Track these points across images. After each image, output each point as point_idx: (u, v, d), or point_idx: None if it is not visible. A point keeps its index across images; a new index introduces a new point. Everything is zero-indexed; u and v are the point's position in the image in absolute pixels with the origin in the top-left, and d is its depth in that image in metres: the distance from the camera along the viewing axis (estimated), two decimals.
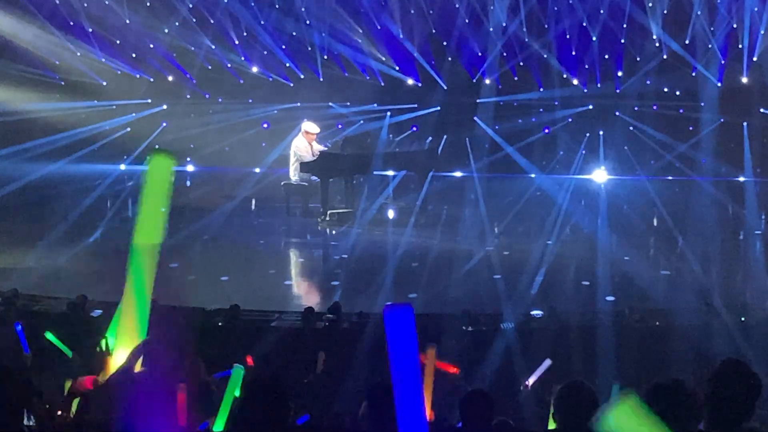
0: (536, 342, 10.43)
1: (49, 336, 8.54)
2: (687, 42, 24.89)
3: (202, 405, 6.97)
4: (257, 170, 25.04)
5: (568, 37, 25.35)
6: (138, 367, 5.96)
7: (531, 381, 8.29)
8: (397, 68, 26.01)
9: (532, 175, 24.87)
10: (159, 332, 6.32)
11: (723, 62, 24.82)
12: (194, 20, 25.82)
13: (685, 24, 24.69)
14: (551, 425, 5.72)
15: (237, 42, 26.11)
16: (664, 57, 25.13)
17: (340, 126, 25.49)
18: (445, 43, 26.07)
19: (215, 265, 15.27)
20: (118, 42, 26.06)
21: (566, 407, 5.33)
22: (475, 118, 26.09)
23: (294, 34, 25.96)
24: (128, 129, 26.20)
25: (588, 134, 25.95)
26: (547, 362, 8.34)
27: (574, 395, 5.35)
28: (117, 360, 6.04)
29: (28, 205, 20.36)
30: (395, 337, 3.47)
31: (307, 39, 26.03)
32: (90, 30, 25.68)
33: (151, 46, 26.06)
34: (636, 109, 25.68)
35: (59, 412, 6.36)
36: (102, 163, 25.77)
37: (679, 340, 10.37)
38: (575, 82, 25.88)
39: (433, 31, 26.01)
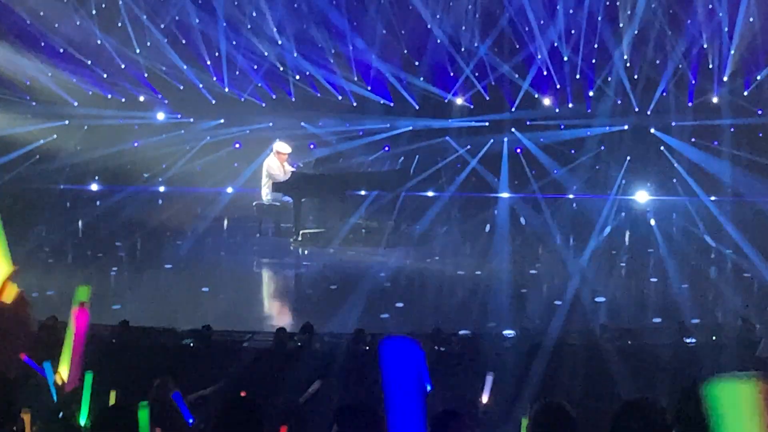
0: (508, 361, 10.43)
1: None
2: (658, 62, 25.08)
3: (168, 424, 6.95)
4: (229, 190, 25.02)
5: (539, 57, 25.45)
6: None
7: (485, 398, 8.25)
8: (369, 88, 26.05)
9: (504, 195, 24.97)
10: None
11: (693, 82, 25.00)
12: (166, 41, 25.82)
13: (656, 44, 24.88)
14: None
15: (209, 62, 26.10)
16: (635, 77, 25.29)
17: (312, 146, 25.50)
18: (417, 63, 26.14)
19: (187, 285, 15.22)
20: (89, 62, 26.01)
21: (543, 428, 5.33)
22: (447, 138, 26.17)
23: (266, 54, 25.98)
24: (98, 149, 26.07)
25: (561, 154, 26.01)
26: (490, 376, 8.32)
27: (551, 416, 5.35)
28: None
29: None
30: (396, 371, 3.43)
31: (279, 59, 26.06)
32: (62, 50, 25.64)
33: (123, 66, 26.01)
34: (607, 129, 25.78)
35: None
36: (73, 184, 25.74)
37: (651, 359, 10.39)
38: (546, 102, 25.97)
39: (405, 51, 26.08)
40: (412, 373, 3.58)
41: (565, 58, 25.43)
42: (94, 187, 26.29)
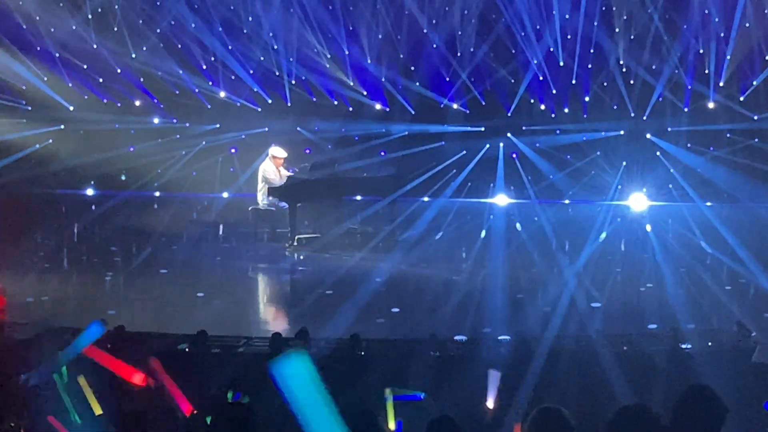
0: (503, 367, 10.41)
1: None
2: (654, 67, 25.11)
3: (165, 427, 6.95)
4: (225, 195, 25.01)
5: (535, 62, 25.44)
6: None
7: (491, 402, 8.24)
8: (365, 93, 26.06)
9: (500, 200, 24.99)
10: None
11: (689, 87, 25.02)
12: (162, 45, 25.82)
13: (652, 49, 24.93)
14: None
15: (204, 67, 26.11)
16: (631, 82, 25.31)
17: (308, 151, 25.49)
18: (413, 68, 26.15)
19: (182, 290, 15.20)
20: (85, 67, 26.01)
21: None
22: (443, 143, 26.18)
23: (262, 59, 25.99)
24: (94, 154, 26.06)
25: (557, 159, 26.01)
26: (495, 375, 8.29)
27: (548, 421, 5.33)
28: None
29: None
30: None
31: (275, 64, 26.05)
32: (57, 55, 25.64)
33: (119, 71, 26.00)
34: (603, 134, 25.79)
35: None
36: (69, 188, 25.75)
37: (646, 364, 10.37)
38: (542, 107, 26.00)
39: (401, 56, 26.10)
40: None
41: (561, 63, 25.44)
42: (90, 191, 26.27)
